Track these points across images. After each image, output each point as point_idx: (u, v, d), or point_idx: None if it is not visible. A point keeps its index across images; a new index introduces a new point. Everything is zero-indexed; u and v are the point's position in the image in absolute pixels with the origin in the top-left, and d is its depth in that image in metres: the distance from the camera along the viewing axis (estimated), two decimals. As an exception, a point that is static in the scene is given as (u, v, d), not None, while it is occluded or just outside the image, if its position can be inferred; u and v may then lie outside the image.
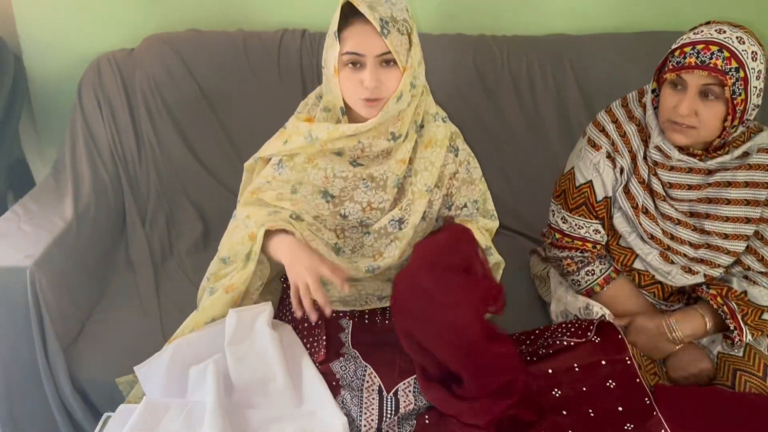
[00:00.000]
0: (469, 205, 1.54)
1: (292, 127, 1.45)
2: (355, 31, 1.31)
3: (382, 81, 1.32)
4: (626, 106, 1.52)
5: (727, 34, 1.32)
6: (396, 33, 1.30)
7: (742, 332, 1.42)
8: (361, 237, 1.49)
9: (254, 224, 1.39)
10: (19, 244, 1.59)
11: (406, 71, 1.33)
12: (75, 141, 1.94)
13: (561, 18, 2.12)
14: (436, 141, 1.45)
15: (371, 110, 1.35)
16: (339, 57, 1.32)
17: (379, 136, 1.39)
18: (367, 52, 1.30)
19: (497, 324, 1.42)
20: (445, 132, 1.47)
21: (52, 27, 2.05)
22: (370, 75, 1.31)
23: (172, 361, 1.34)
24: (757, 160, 1.43)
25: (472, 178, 1.53)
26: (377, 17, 1.28)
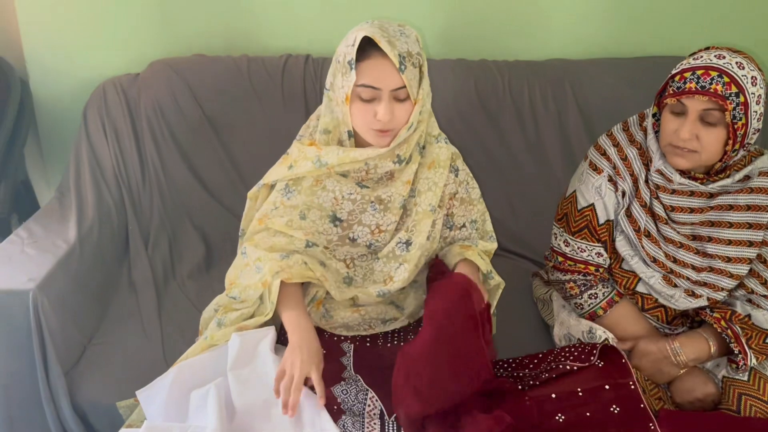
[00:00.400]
0: (468, 225, 1.56)
1: (298, 152, 1.46)
2: (372, 65, 1.32)
3: (395, 114, 1.35)
4: (627, 129, 1.53)
5: (727, 59, 1.33)
6: (411, 67, 1.33)
7: (747, 356, 1.41)
8: (371, 263, 1.50)
9: (268, 271, 1.39)
10: (22, 267, 1.59)
11: (417, 103, 1.36)
12: (79, 164, 1.95)
13: (561, 43, 2.14)
14: (439, 162, 1.48)
15: (382, 140, 1.38)
16: (353, 87, 1.34)
17: (386, 159, 1.41)
18: (384, 86, 1.33)
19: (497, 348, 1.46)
20: (447, 153, 1.49)
21: (59, 52, 2.07)
22: (385, 109, 1.33)
23: (174, 385, 1.33)
24: (758, 184, 1.44)
25: (471, 198, 1.56)
26: (396, 54, 1.30)
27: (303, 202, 1.45)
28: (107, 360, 1.66)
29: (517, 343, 1.70)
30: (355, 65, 1.32)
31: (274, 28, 2.11)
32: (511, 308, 1.80)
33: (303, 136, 1.52)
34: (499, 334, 1.71)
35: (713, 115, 1.33)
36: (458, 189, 1.52)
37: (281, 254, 1.42)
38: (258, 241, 1.46)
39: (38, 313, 1.52)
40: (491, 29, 2.13)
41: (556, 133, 2.07)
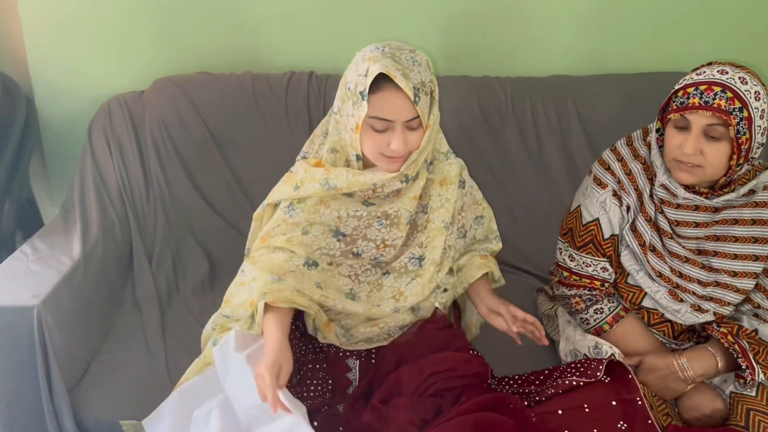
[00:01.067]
0: (473, 222, 1.59)
1: (305, 172, 1.45)
2: (386, 98, 1.31)
3: (408, 142, 1.35)
4: (631, 144, 1.53)
5: (730, 74, 1.34)
6: (424, 96, 1.33)
7: (755, 371, 1.40)
8: (379, 278, 1.50)
9: (257, 292, 1.37)
10: (26, 284, 1.59)
11: (429, 128, 1.37)
12: (84, 181, 1.96)
13: (564, 59, 2.15)
14: (450, 179, 1.50)
15: (393, 165, 1.39)
16: (365, 118, 1.33)
17: (394, 180, 1.41)
18: (398, 118, 1.33)
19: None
20: (457, 169, 1.52)
21: (64, 70, 2.09)
22: (399, 140, 1.34)
23: (178, 408, 1.33)
24: (763, 198, 1.44)
25: (476, 199, 1.60)
26: (411, 87, 1.29)
27: (305, 219, 1.45)
28: (111, 377, 1.65)
29: (523, 359, 1.69)
30: (367, 96, 1.31)
31: (277, 45, 2.12)
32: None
33: (308, 153, 1.51)
34: (504, 351, 1.69)
35: (717, 130, 1.33)
36: (464, 200, 1.55)
37: (272, 277, 1.39)
38: (257, 258, 1.46)
39: (42, 330, 1.52)
40: (494, 46, 2.14)
41: (558, 149, 2.07)
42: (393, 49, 1.33)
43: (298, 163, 1.50)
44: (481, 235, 1.64)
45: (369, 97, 1.31)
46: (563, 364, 1.55)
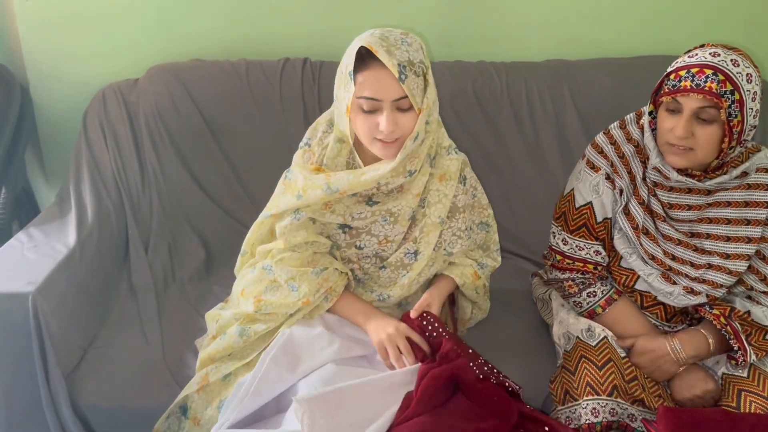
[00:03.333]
0: (476, 227, 1.58)
1: (304, 180, 1.43)
2: (371, 76, 1.30)
3: (399, 124, 1.32)
4: (624, 127, 1.53)
5: (722, 57, 1.33)
6: (413, 76, 1.30)
7: (746, 353, 1.41)
8: (376, 271, 1.51)
9: (309, 291, 1.44)
10: (22, 271, 1.59)
11: (422, 112, 1.33)
12: (79, 170, 1.96)
13: (559, 44, 2.15)
14: (450, 174, 1.47)
15: (387, 151, 1.36)
16: (353, 99, 1.32)
17: (397, 175, 1.39)
18: (384, 97, 1.30)
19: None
20: (458, 164, 1.49)
21: (59, 58, 2.09)
22: (387, 120, 1.31)
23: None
24: (755, 180, 1.44)
25: (480, 202, 1.58)
26: (395, 63, 1.27)
27: (313, 215, 1.46)
28: (108, 364, 1.66)
29: (517, 343, 1.70)
30: (353, 76, 1.30)
31: (272, 32, 2.12)
32: (510, 308, 1.81)
33: (311, 139, 1.50)
34: (499, 334, 1.71)
35: (708, 112, 1.33)
36: (465, 197, 1.53)
37: (313, 270, 1.45)
38: (285, 258, 1.45)
39: (38, 317, 1.52)
40: (489, 31, 2.14)
41: (554, 134, 2.07)
42: (384, 31, 1.33)
43: (296, 169, 1.47)
44: (482, 241, 1.62)
45: (355, 77, 1.30)
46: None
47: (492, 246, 1.64)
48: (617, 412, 1.40)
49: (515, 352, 1.66)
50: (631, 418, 1.41)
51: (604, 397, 1.40)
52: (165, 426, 1.48)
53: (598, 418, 1.39)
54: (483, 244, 1.63)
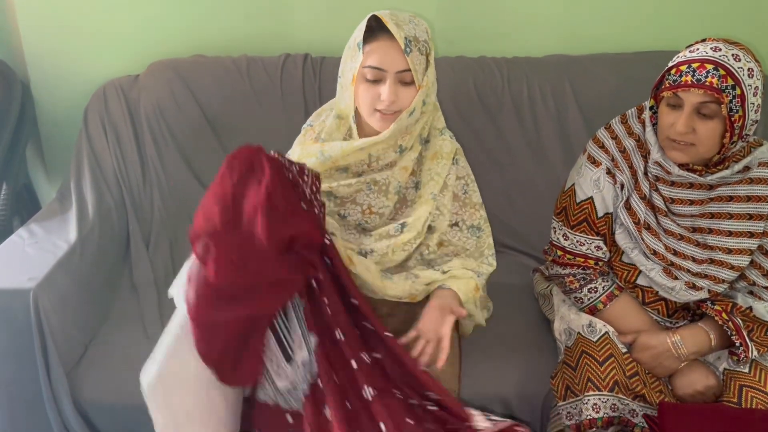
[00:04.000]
0: (466, 230, 1.56)
1: (301, 150, 1.49)
2: (379, 46, 1.37)
3: (399, 96, 1.39)
4: (625, 122, 1.52)
5: (723, 51, 1.33)
6: (417, 52, 1.38)
7: (748, 348, 1.40)
8: (358, 238, 1.52)
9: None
10: (22, 267, 1.59)
11: (421, 89, 1.40)
12: (80, 166, 1.96)
13: (560, 39, 2.14)
14: (442, 154, 1.51)
15: (384, 123, 1.42)
16: (359, 69, 1.39)
17: (388, 149, 1.45)
18: (389, 68, 1.37)
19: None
20: (452, 147, 1.53)
21: (60, 55, 2.09)
22: (389, 90, 1.38)
23: None
24: (758, 174, 1.44)
25: (471, 200, 1.57)
26: (402, 36, 1.35)
27: None
28: (109, 360, 1.66)
29: (519, 339, 1.70)
30: (362, 47, 1.38)
31: (272, 28, 2.11)
32: (511, 304, 1.81)
33: (313, 122, 1.56)
34: (500, 330, 1.71)
35: (709, 107, 1.32)
36: (457, 182, 1.53)
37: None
38: None
39: (39, 313, 1.52)
40: (490, 26, 2.14)
41: (555, 130, 2.06)
42: (393, 10, 1.41)
43: (295, 145, 1.52)
44: (472, 247, 1.57)
45: (363, 48, 1.38)
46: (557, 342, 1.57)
47: (486, 251, 1.60)
48: (618, 407, 1.40)
49: (516, 348, 1.66)
50: (632, 413, 1.41)
51: (605, 393, 1.40)
52: None
53: (600, 414, 1.39)
54: (476, 250, 1.59)
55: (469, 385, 1.56)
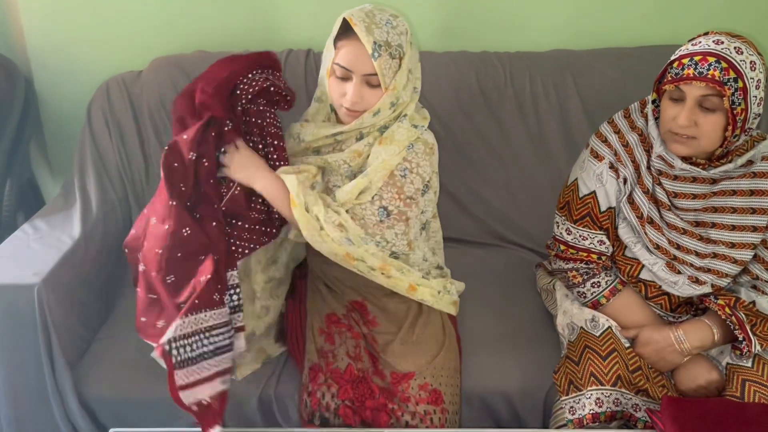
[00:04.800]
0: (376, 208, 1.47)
1: (290, 129, 1.59)
2: (349, 46, 1.40)
3: (364, 97, 1.42)
4: (628, 116, 1.52)
5: (725, 44, 1.32)
6: (387, 57, 1.39)
7: (751, 343, 1.40)
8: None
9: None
10: (27, 262, 1.60)
11: (388, 92, 1.42)
12: (84, 162, 1.97)
13: (563, 34, 2.13)
14: (392, 139, 1.47)
15: (348, 119, 1.46)
16: (331, 63, 1.43)
17: (351, 136, 1.49)
18: (356, 69, 1.40)
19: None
20: (408, 134, 1.47)
21: (63, 51, 2.09)
22: (353, 91, 1.41)
23: None
24: (761, 168, 1.43)
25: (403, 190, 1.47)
26: (371, 40, 1.37)
27: None
28: (113, 355, 1.67)
29: (522, 334, 1.70)
30: (335, 43, 1.42)
31: (275, 23, 2.11)
32: (513, 299, 1.81)
33: (306, 114, 1.61)
34: (502, 325, 1.71)
35: (711, 101, 1.32)
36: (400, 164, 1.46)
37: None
38: None
39: (43, 308, 1.53)
40: (492, 21, 2.13)
41: (557, 124, 2.06)
42: (375, 8, 1.42)
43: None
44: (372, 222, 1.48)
45: (336, 44, 1.42)
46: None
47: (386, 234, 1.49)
48: (621, 402, 1.40)
49: (519, 343, 1.67)
50: (635, 408, 1.41)
51: (608, 387, 1.40)
52: None
53: (602, 408, 1.39)
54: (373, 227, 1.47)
55: (472, 379, 1.56)
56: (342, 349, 1.47)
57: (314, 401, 1.41)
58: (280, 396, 1.55)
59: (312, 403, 1.41)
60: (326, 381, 1.42)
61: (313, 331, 1.54)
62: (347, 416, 1.39)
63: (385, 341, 1.53)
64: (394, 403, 1.41)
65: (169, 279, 1.35)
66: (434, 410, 1.42)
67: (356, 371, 1.43)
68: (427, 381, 1.45)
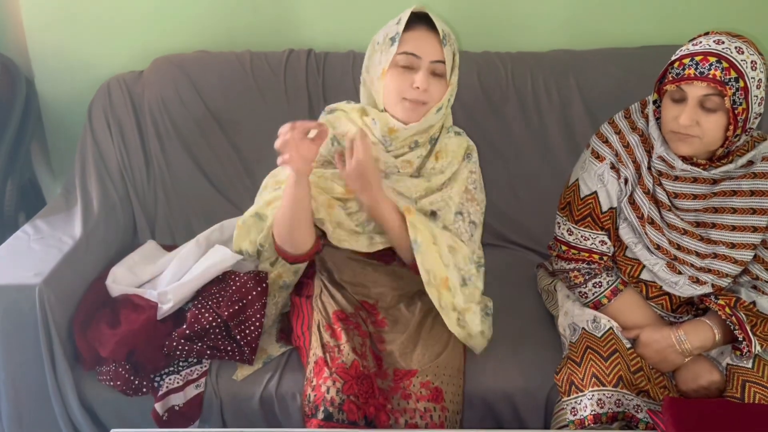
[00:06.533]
0: (467, 222, 1.55)
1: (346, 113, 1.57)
2: (416, 35, 1.42)
3: (431, 88, 1.43)
4: (629, 117, 1.52)
5: (726, 44, 1.32)
6: (449, 48, 1.44)
7: (751, 343, 1.40)
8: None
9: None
10: (28, 263, 1.60)
11: (450, 87, 1.46)
12: (85, 162, 1.97)
13: (565, 34, 2.13)
14: (447, 152, 1.54)
15: (410, 113, 1.45)
16: (394, 57, 1.42)
17: (405, 144, 1.50)
18: (425, 55, 1.42)
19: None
20: (458, 142, 1.56)
21: (63, 51, 2.09)
22: (423, 77, 1.41)
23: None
24: (761, 169, 1.43)
25: (478, 198, 1.57)
26: (441, 28, 1.42)
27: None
28: (114, 354, 1.67)
29: (523, 334, 1.70)
30: (398, 38, 1.41)
31: (276, 23, 2.11)
32: (513, 299, 1.81)
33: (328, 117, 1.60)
34: (503, 325, 1.71)
35: (713, 100, 1.32)
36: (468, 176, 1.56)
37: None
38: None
39: (45, 308, 1.53)
40: (494, 21, 2.13)
41: (559, 124, 2.06)
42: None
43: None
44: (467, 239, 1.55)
45: (401, 36, 1.41)
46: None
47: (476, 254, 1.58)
48: (623, 403, 1.40)
49: (520, 343, 1.66)
50: (636, 409, 1.41)
51: (609, 388, 1.40)
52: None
53: (604, 409, 1.39)
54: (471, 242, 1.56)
55: (473, 379, 1.56)
56: (348, 345, 1.46)
57: (318, 395, 1.39)
58: (281, 395, 1.55)
59: (316, 397, 1.40)
60: (331, 375, 1.40)
61: (319, 326, 1.53)
62: (351, 412, 1.36)
63: (390, 341, 1.54)
64: (393, 404, 1.41)
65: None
66: (434, 407, 1.42)
67: (362, 368, 1.42)
68: (429, 379, 1.45)
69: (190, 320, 1.57)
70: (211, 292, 1.63)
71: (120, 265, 1.75)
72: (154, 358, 1.56)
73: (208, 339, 1.57)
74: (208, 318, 1.57)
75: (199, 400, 1.54)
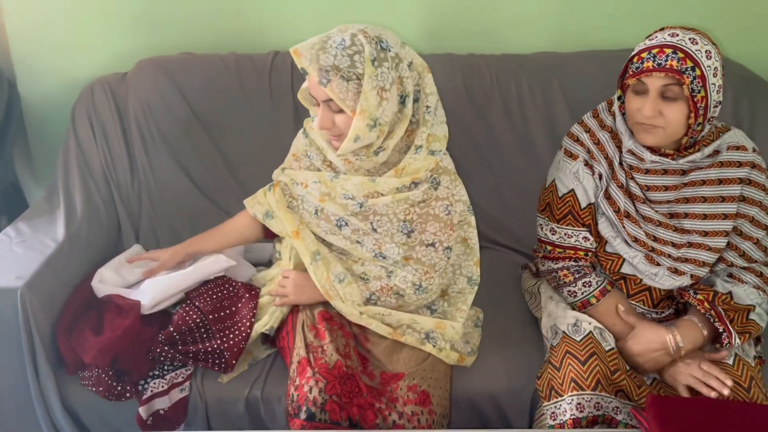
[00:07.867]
0: (441, 251, 1.55)
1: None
2: (309, 75, 1.41)
3: (335, 123, 1.43)
4: (597, 116, 1.56)
5: (680, 36, 1.38)
6: (338, 80, 1.36)
7: (731, 335, 1.43)
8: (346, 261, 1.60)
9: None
10: (10, 266, 1.59)
11: (357, 115, 1.37)
12: (68, 165, 1.95)
13: (549, 36, 2.14)
14: (408, 171, 1.50)
15: (333, 143, 1.49)
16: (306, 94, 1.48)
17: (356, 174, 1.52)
18: (316, 96, 1.42)
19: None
20: (426, 164, 1.49)
21: (46, 53, 2.08)
22: (320, 116, 1.43)
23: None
24: (727, 157, 1.48)
25: (451, 221, 1.54)
26: (316, 68, 1.37)
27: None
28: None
29: (506, 335, 1.70)
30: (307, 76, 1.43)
31: (261, 25, 2.11)
32: (498, 301, 1.81)
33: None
34: (487, 327, 1.71)
35: (672, 90, 1.36)
36: (432, 203, 1.52)
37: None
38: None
39: (27, 311, 1.52)
40: (478, 23, 2.14)
41: (543, 126, 2.07)
42: (333, 33, 1.40)
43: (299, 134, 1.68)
44: (441, 267, 1.58)
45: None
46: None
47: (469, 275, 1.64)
48: (602, 405, 1.41)
49: (505, 344, 1.66)
50: (615, 411, 1.42)
51: (588, 392, 1.41)
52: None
53: (584, 413, 1.40)
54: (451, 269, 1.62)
55: (459, 381, 1.56)
56: (332, 346, 1.46)
57: (301, 395, 1.39)
58: (267, 398, 1.55)
59: (299, 397, 1.39)
60: (314, 375, 1.40)
61: (303, 326, 1.53)
62: (334, 412, 1.37)
63: (375, 342, 1.53)
64: (382, 403, 1.41)
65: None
66: (421, 411, 1.42)
67: (345, 368, 1.42)
68: (416, 382, 1.45)
69: (177, 322, 1.56)
70: (200, 292, 1.63)
71: (107, 266, 1.74)
72: (138, 364, 1.54)
73: (193, 340, 1.56)
74: (194, 318, 1.57)
75: (183, 403, 1.54)
